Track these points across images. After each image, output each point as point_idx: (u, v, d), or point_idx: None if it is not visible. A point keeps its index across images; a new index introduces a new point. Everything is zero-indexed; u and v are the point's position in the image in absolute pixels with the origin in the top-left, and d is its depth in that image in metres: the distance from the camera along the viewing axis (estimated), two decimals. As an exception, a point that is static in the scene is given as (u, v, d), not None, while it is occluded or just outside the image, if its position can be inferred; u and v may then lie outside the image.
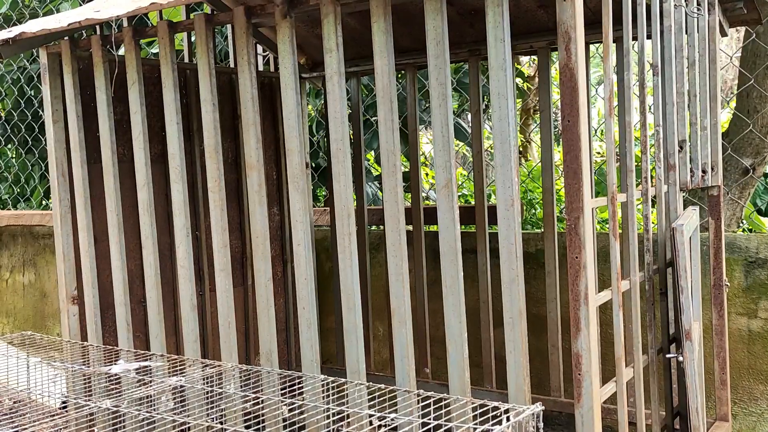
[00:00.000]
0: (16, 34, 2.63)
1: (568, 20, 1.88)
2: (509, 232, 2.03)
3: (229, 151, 3.59)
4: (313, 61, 3.75)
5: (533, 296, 3.41)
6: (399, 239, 2.23)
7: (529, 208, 4.83)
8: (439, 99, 2.11)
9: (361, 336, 2.35)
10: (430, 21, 2.09)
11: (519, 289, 2.04)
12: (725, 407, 2.77)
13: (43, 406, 2.72)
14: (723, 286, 2.73)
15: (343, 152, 2.31)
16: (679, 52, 2.39)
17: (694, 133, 2.51)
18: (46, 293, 5.26)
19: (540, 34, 3.11)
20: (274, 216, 3.81)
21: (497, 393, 3.27)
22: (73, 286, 3.00)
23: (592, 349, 1.94)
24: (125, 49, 2.73)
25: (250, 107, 2.51)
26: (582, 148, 1.89)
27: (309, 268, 2.44)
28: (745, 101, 3.47)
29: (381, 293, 3.80)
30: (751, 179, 3.50)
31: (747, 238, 3.07)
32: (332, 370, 3.70)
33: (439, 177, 2.13)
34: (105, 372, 2.42)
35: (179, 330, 3.35)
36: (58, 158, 2.96)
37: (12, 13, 5.60)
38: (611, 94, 2.07)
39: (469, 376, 2.18)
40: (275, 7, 2.38)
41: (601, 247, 3.21)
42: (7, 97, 5.83)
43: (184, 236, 2.71)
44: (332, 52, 2.29)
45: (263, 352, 2.58)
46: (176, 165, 2.69)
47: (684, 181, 2.47)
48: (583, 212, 1.91)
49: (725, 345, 2.75)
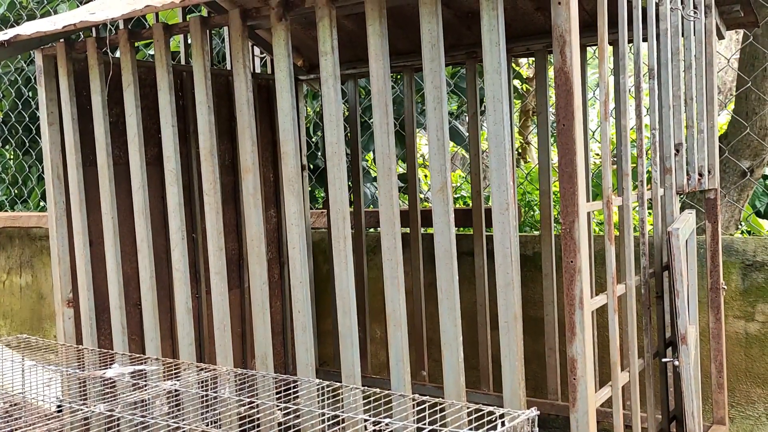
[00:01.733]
0: (11, 37, 2.62)
1: (563, 24, 1.87)
2: (504, 236, 2.02)
3: (226, 153, 3.59)
4: (310, 64, 3.74)
5: (531, 299, 3.40)
6: (394, 243, 2.23)
7: (527, 210, 4.82)
8: (435, 102, 2.11)
9: (357, 340, 2.34)
10: (425, 24, 2.09)
11: (515, 293, 2.03)
12: (722, 411, 2.77)
13: (38, 410, 2.72)
14: (720, 289, 2.73)
15: (339, 155, 2.30)
16: (676, 55, 2.38)
17: (690, 136, 2.51)
18: (43, 295, 5.25)
19: (537, 36, 3.11)
20: (271, 218, 3.80)
21: (494, 396, 3.26)
22: (69, 288, 2.99)
23: (587, 354, 1.93)
24: (121, 52, 2.72)
25: (246, 110, 2.50)
26: (577, 152, 1.89)
27: (304, 272, 2.43)
28: (744, 104, 3.46)
29: (379, 296, 3.80)
30: (750, 181, 3.50)
31: (744, 241, 3.06)
32: (330, 372, 3.70)
33: (435, 180, 2.12)
34: (100, 375, 2.41)
35: (175, 333, 3.35)
36: (53, 160, 2.95)
37: (9, 14, 5.59)
38: (607, 97, 2.06)
39: (464, 381, 2.17)
40: (271, 9, 2.38)
41: (598, 249, 3.21)
42: (4, 98, 5.82)
43: (179, 239, 2.70)
44: (328, 55, 2.28)
45: (258, 356, 2.57)
46: (172, 168, 2.68)
47: (680, 185, 2.46)
48: (578, 216, 1.90)
49: (722, 348, 2.75)
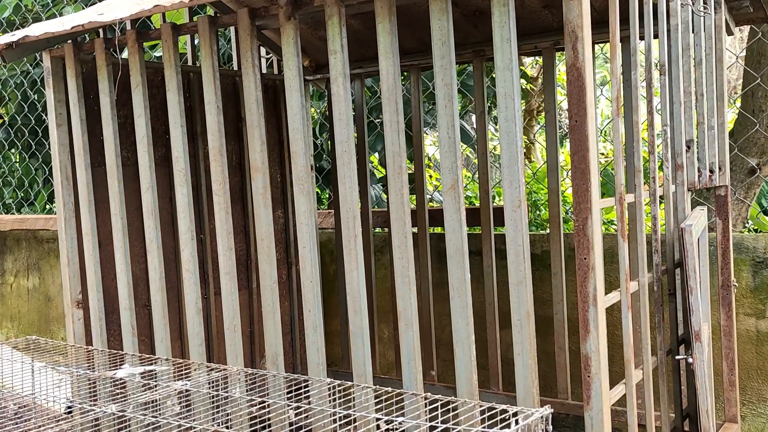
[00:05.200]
0: (20, 38, 2.62)
1: (575, 20, 1.86)
2: (517, 233, 2.01)
3: (232, 154, 3.58)
4: (317, 64, 3.74)
5: (539, 298, 3.39)
6: (405, 241, 2.22)
7: (533, 210, 4.82)
8: (445, 100, 2.10)
9: (368, 339, 2.33)
10: (436, 21, 2.08)
11: (527, 290, 2.02)
12: (734, 409, 2.76)
13: (48, 411, 2.71)
14: (731, 286, 2.72)
15: (348, 154, 2.29)
16: (686, 51, 2.37)
17: (701, 133, 2.50)
18: (51, 297, 5.26)
19: (545, 34, 3.10)
20: (278, 219, 3.79)
21: (504, 396, 3.25)
22: (78, 290, 2.99)
23: (601, 351, 1.92)
24: (129, 52, 2.72)
25: (255, 109, 2.50)
26: (590, 147, 1.88)
27: (314, 271, 2.42)
28: (750, 101, 3.45)
29: (386, 296, 3.79)
30: (757, 179, 3.49)
31: (754, 239, 3.05)
32: (337, 373, 3.69)
33: (446, 178, 2.12)
34: (110, 376, 2.40)
35: (184, 334, 3.35)
36: (62, 162, 2.95)
37: (15, 17, 5.60)
38: (619, 94, 2.05)
39: (477, 379, 2.16)
40: (279, 8, 2.37)
41: (607, 248, 3.20)
42: (10, 101, 5.83)
43: (188, 239, 2.70)
44: (337, 54, 2.27)
45: (269, 356, 2.56)
46: (180, 168, 2.68)
47: (692, 181, 2.45)
48: (592, 213, 1.90)
49: (734, 346, 2.73)
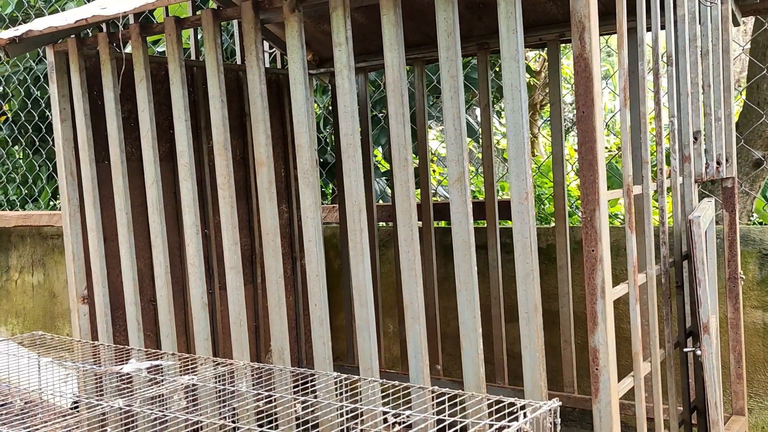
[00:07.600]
0: (23, 32, 2.61)
1: (582, 10, 1.85)
2: (524, 225, 2.00)
3: (236, 148, 3.58)
4: (320, 58, 3.73)
5: (545, 291, 3.38)
6: (411, 234, 2.21)
7: (537, 204, 4.81)
8: (451, 92, 2.09)
9: (374, 333, 2.33)
10: (441, 12, 2.07)
11: (534, 283, 2.01)
12: (741, 401, 2.75)
13: (55, 407, 2.71)
14: (738, 278, 2.70)
15: (354, 147, 2.29)
16: (693, 42, 2.36)
17: (708, 124, 2.49)
18: (55, 293, 5.26)
19: (549, 26, 3.08)
20: (282, 213, 3.79)
21: (510, 389, 3.25)
22: (84, 285, 2.99)
23: (609, 344, 1.92)
24: (132, 47, 2.71)
25: (259, 103, 2.49)
26: (597, 139, 1.87)
27: (320, 265, 2.42)
28: (756, 93, 3.44)
29: (390, 290, 3.78)
30: (762, 171, 3.47)
31: (761, 231, 3.04)
32: (343, 367, 3.69)
33: (452, 171, 2.11)
34: (116, 371, 2.40)
35: (190, 328, 3.34)
36: (66, 157, 2.94)
37: (17, 13, 5.59)
38: (626, 85, 2.04)
39: (484, 372, 2.15)
40: (283, 1, 2.36)
41: (612, 241, 3.19)
42: (13, 97, 5.82)
43: (193, 234, 2.69)
44: (341, 46, 2.26)
45: (275, 350, 2.56)
46: (185, 163, 2.67)
47: (699, 173, 2.44)
48: (599, 205, 1.89)
49: (741, 338, 2.72)
